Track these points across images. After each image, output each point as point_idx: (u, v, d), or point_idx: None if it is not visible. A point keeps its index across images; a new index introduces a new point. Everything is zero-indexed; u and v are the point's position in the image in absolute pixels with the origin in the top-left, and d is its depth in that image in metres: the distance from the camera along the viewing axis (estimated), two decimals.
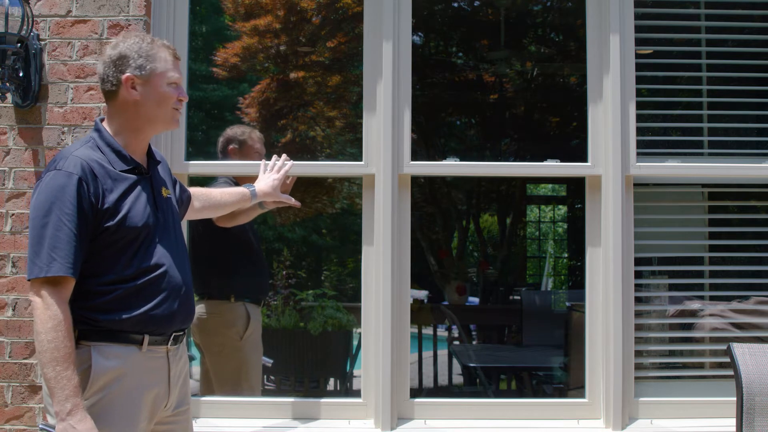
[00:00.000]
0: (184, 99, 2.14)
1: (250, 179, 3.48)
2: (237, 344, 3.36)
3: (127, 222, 1.98)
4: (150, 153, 2.17)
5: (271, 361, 4.75)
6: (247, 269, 3.39)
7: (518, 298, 6.98)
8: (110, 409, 1.95)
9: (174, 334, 2.08)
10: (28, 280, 1.93)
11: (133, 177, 2.05)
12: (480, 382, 5.21)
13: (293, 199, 2.72)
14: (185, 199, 2.43)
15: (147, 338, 2.01)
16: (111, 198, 1.98)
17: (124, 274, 1.98)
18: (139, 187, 2.05)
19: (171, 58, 2.12)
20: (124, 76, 2.06)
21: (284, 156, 2.78)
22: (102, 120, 2.13)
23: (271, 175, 2.70)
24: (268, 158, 2.82)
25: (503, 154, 7.74)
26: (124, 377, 1.97)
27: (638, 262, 2.96)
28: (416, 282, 6.93)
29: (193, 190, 2.52)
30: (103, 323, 1.96)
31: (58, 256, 1.88)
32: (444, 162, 3.18)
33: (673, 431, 2.85)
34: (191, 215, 2.53)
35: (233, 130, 3.49)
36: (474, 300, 7.64)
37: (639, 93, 3.01)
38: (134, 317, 1.97)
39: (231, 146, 3.43)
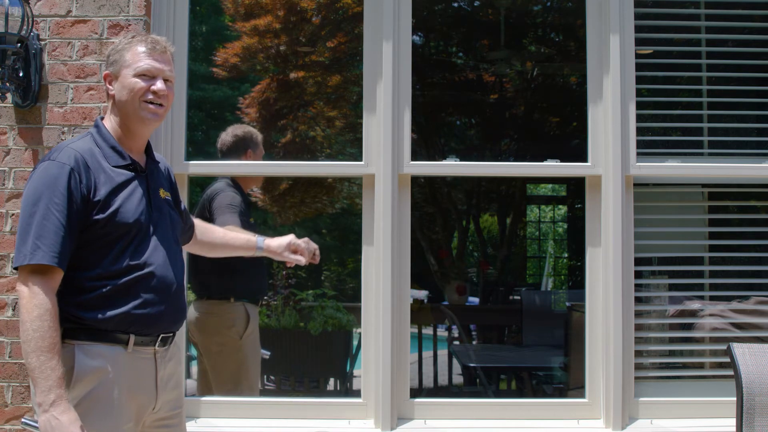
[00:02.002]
0: (159, 91, 2.05)
1: (249, 179, 3.50)
2: (237, 344, 3.36)
3: (118, 217, 1.97)
4: (149, 152, 2.16)
5: (269, 352, 4.74)
6: (246, 269, 3.38)
7: (518, 298, 6.98)
8: (94, 410, 1.92)
9: (162, 335, 2.05)
10: (14, 269, 1.92)
11: (128, 173, 2.04)
12: (480, 382, 5.21)
13: (303, 260, 2.43)
14: (188, 226, 2.37)
15: (133, 338, 1.98)
16: (103, 191, 1.97)
17: (111, 269, 1.95)
18: (133, 184, 2.04)
19: (145, 49, 2.06)
20: (104, 74, 2.11)
21: (317, 251, 2.47)
22: (102, 118, 2.14)
23: (290, 244, 2.43)
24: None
25: (503, 154, 7.74)
26: (108, 377, 1.94)
27: (638, 262, 2.96)
28: (416, 282, 6.93)
29: (196, 222, 2.43)
30: (87, 321, 1.93)
31: (43, 245, 1.87)
32: (444, 162, 3.18)
33: (673, 431, 2.85)
34: (190, 247, 2.43)
35: (246, 129, 3.47)
36: (474, 300, 7.63)
37: (639, 93, 3.01)
38: (119, 315, 1.95)
39: (249, 150, 3.40)
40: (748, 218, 3.34)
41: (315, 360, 4.86)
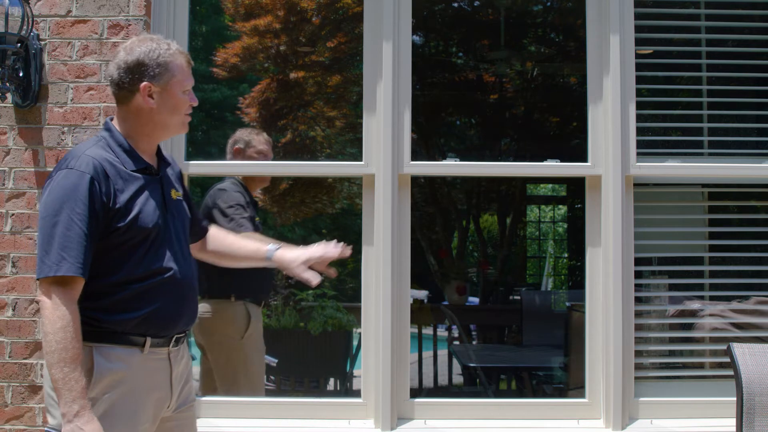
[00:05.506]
0: (195, 104, 2.12)
1: (254, 179, 3.50)
2: (238, 343, 3.36)
3: (138, 222, 1.97)
4: (160, 154, 2.16)
5: (276, 360, 4.75)
6: (249, 268, 3.38)
7: (518, 298, 6.98)
8: (112, 411, 1.94)
9: (176, 336, 2.07)
10: (38, 279, 1.91)
11: (143, 177, 2.04)
12: (480, 382, 5.21)
13: (314, 281, 2.25)
14: (200, 230, 2.34)
15: (149, 340, 1.99)
16: (122, 198, 1.96)
17: (132, 275, 1.96)
18: (149, 188, 2.04)
19: (186, 64, 2.09)
20: (141, 85, 2.02)
21: (342, 246, 2.30)
22: (112, 119, 2.11)
23: (308, 252, 2.27)
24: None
25: (503, 154, 7.74)
26: (125, 379, 1.96)
27: (638, 262, 2.96)
28: (416, 282, 6.93)
29: (211, 230, 2.38)
30: (105, 324, 1.95)
31: (68, 256, 1.87)
32: (444, 162, 3.18)
33: (673, 431, 2.85)
34: (198, 255, 2.36)
35: (240, 132, 3.54)
36: (474, 300, 7.64)
37: (639, 93, 3.00)
38: (137, 318, 1.96)
39: (236, 146, 3.47)
40: (748, 218, 3.34)
41: (315, 360, 4.86)
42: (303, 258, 2.26)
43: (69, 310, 1.85)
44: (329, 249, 2.29)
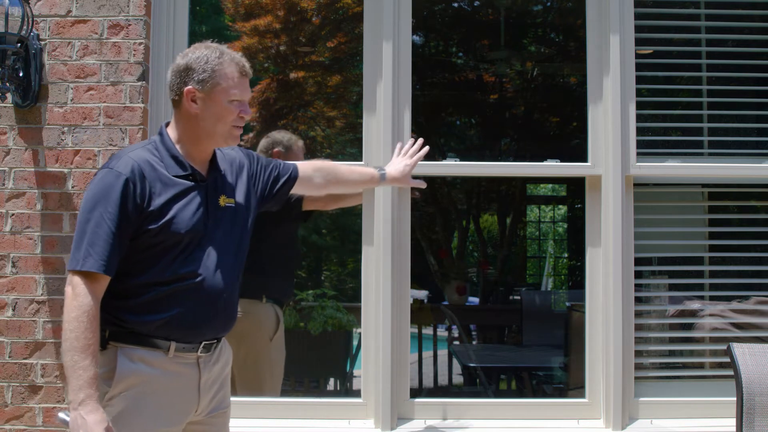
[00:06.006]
0: (246, 116, 2.12)
1: None
2: (267, 345, 3.31)
3: (171, 227, 1.99)
4: (213, 161, 2.15)
5: None
6: (277, 270, 3.34)
7: (518, 298, 6.98)
8: (133, 412, 1.96)
9: (205, 342, 2.07)
10: (68, 270, 1.97)
11: (186, 183, 2.05)
12: (480, 382, 5.21)
13: (422, 182, 2.73)
14: (294, 177, 2.42)
15: (173, 345, 2.01)
16: (158, 201, 1.99)
17: (160, 278, 1.98)
18: (191, 194, 2.05)
19: (237, 74, 2.09)
20: (185, 89, 2.05)
21: (420, 141, 2.77)
22: (167, 124, 2.14)
23: (403, 160, 2.71)
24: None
25: (503, 154, 7.74)
26: (147, 381, 1.99)
27: (638, 262, 2.96)
28: (416, 282, 6.93)
29: (315, 164, 2.51)
30: (130, 325, 1.98)
31: (94, 252, 1.92)
32: (444, 162, 3.18)
33: (673, 431, 2.85)
34: (313, 191, 2.58)
35: (280, 135, 3.47)
36: (474, 300, 7.64)
37: (639, 93, 3.00)
38: (160, 321, 1.98)
39: (276, 149, 3.39)
40: (748, 218, 3.34)
41: (315, 360, 4.86)
42: (408, 170, 2.69)
43: (87, 301, 1.90)
44: (417, 151, 2.74)
